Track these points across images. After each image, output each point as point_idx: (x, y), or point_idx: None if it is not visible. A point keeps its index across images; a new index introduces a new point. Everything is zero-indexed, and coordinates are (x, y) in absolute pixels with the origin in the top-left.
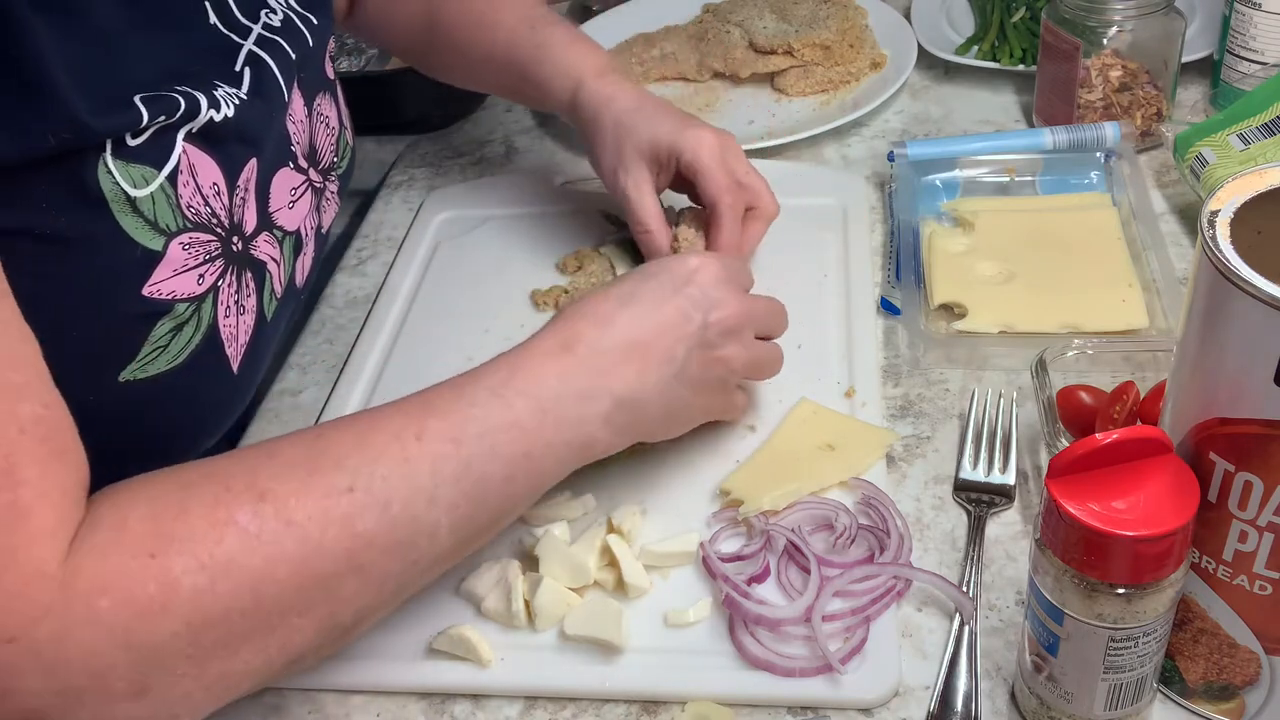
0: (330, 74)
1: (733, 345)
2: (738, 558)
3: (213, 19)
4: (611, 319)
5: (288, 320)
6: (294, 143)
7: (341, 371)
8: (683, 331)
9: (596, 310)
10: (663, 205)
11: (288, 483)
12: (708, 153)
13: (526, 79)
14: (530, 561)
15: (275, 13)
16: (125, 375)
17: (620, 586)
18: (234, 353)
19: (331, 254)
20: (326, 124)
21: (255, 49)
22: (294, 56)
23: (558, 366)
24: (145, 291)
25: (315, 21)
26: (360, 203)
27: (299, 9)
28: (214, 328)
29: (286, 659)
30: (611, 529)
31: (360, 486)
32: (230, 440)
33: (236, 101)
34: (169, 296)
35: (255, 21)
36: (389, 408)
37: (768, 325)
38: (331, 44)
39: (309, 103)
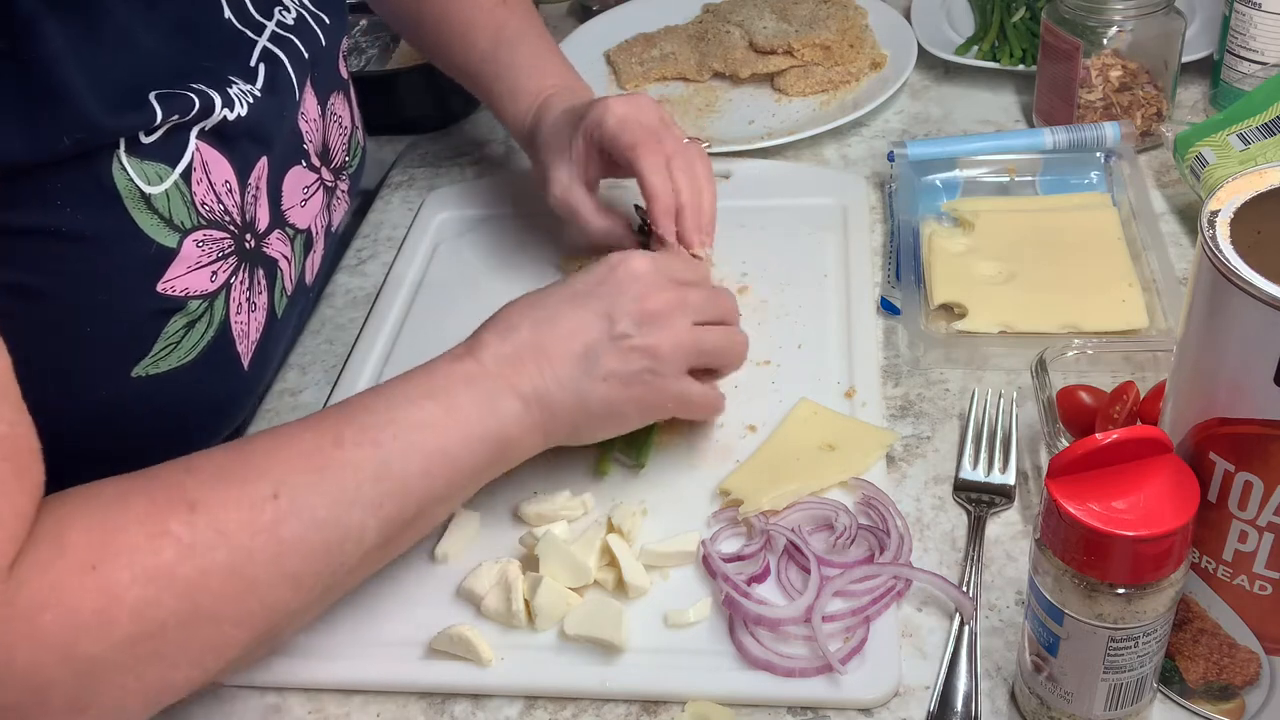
0: (344, 73)
1: (657, 334)
2: (738, 558)
3: (227, 13)
4: (516, 326)
5: (297, 318)
6: (307, 141)
7: (341, 371)
8: (590, 332)
9: (506, 319)
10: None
11: (215, 492)
12: (612, 120)
13: (493, 108)
14: (530, 561)
15: (289, 10)
16: (138, 371)
17: (620, 586)
18: (245, 349)
19: (332, 254)
20: (340, 123)
21: (270, 45)
22: (307, 55)
23: (462, 370)
24: (159, 288)
25: (328, 20)
26: (360, 203)
27: (311, 7)
28: (225, 324)
29: (220, 665)
30: (611, 529)
31: (284, 494)
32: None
33: (250, 100)
34: (182, 293)
35: (269, 18)
36: (302, 421)
37: (709, 312)
38: (345, 43)
39: (322, 102)
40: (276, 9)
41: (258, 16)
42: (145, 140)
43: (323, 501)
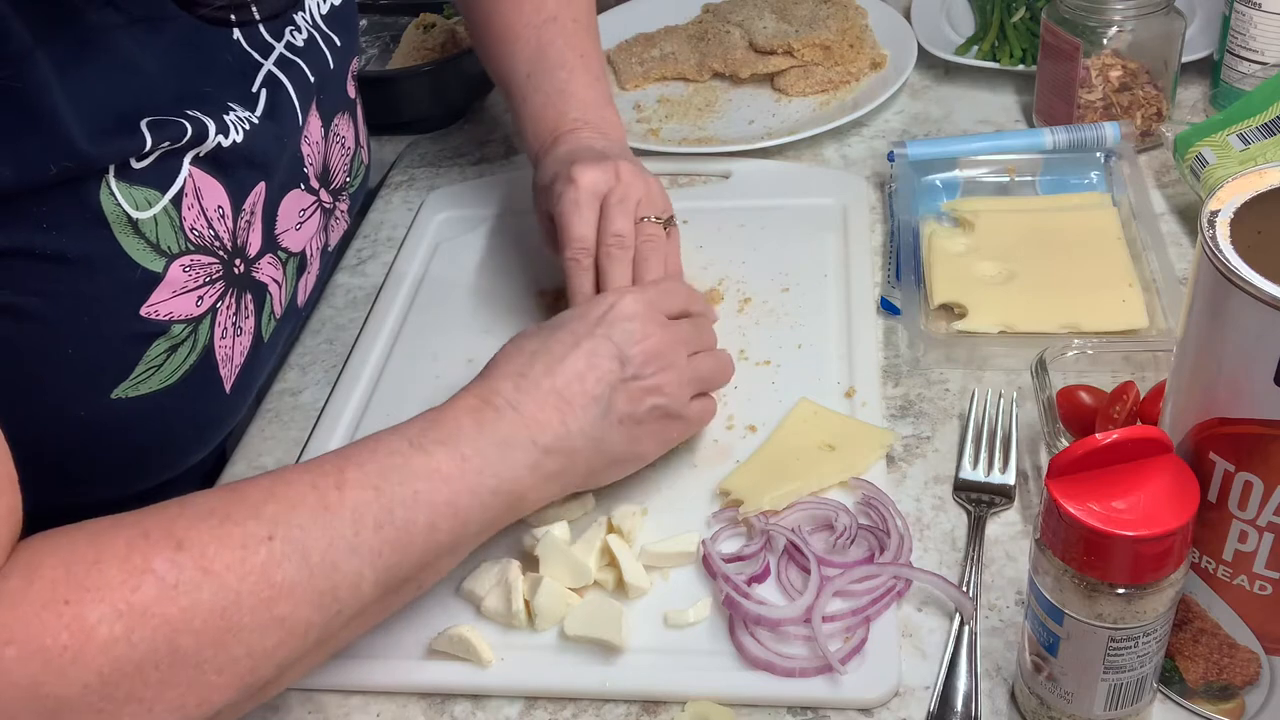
0: (351, 94)
1: (662, 374)
2: (738, 558)
3: (236, 34)
4: (525, 373)
5: (286, 338)
6: (307, 164)
7: (341, 371)
8: (600, 373)
9: (510, 366)
10: None
11: (205, 531)
12: (565, 202)
13: (516, 129)
14: (530, 561)
15: (300, 31)
16: (118, 393)
17: (620, 586)
18: (228, 373)
19: (328, 270)
20: (342, 144)
21: (274, 70)
22: (313, 79)
23: (477, 418)
24: (143, 312)
25: (339, 43)
26: (360, 203)
27: (325, 29)
28: (209, 349)
29: (201, 715)
30: (611, 529)
31: (279, 535)
32: (221, 450)
33: (247, 126)
34: (166, 317)
35: (279, 39)
36: (306, 463)
37: (698, 340)
38: (355, 63)
39: (326, 124)
40: (288, 30)
41: (268, 38)
42: (136, 166)
43: (319, 546)
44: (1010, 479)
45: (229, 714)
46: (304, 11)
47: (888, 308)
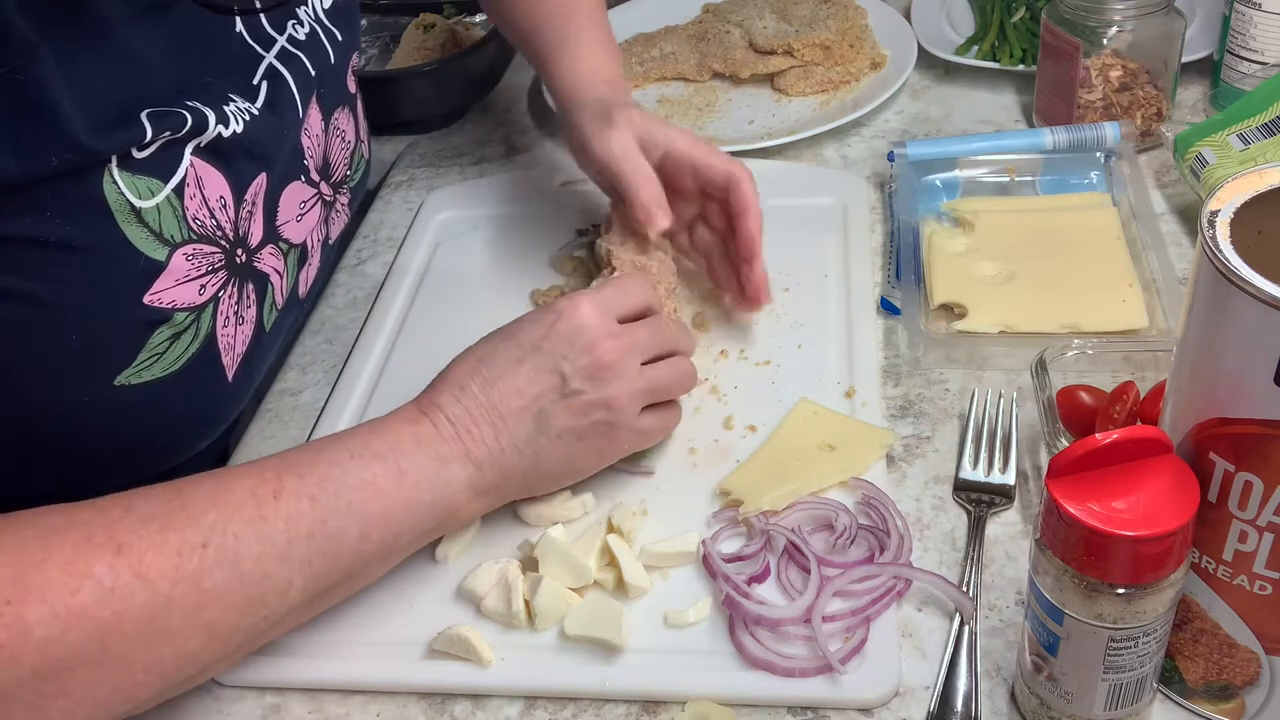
0: (352, 88)
1: (609, 386)
2: (738, 558)
3: (239, 28)
4: (466, 385)
5: (288, 329)
6: (307, 156)
7: (341, 371)
8: (542, 390)
9: (455, 376)
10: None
11: (144, 537)
12: (690, 143)
13: (543, 75)
14: (530, 562)
15: (302, 25)
16: (121, 380)
17: (620, 586)
18: (229, 362)
19: (330, 263)
20: (343, 138)
21: (275, 63)
22: (314, 72)
23: (415, 431)
24: (146, 300)
25: (340, 37)
26: (360, 203)
27: (327, 23)
28: (211, 337)
29: (126, 709)
30: (611, 529)
31: (213, 543)
32: (224, 444)
33: (247, 117)
34: (169, 305)
35: (281, 33)
36: (249, 465)
37: (655, 346)
38: (355, 58)
39: (326, 117)
40: (290, 23)
41: (270, 31)
42: (138, 155)
43: (251, 554)
44: (1010, 479)
45: (151, 703)
46: (306, 6)
47: (888, 308)
